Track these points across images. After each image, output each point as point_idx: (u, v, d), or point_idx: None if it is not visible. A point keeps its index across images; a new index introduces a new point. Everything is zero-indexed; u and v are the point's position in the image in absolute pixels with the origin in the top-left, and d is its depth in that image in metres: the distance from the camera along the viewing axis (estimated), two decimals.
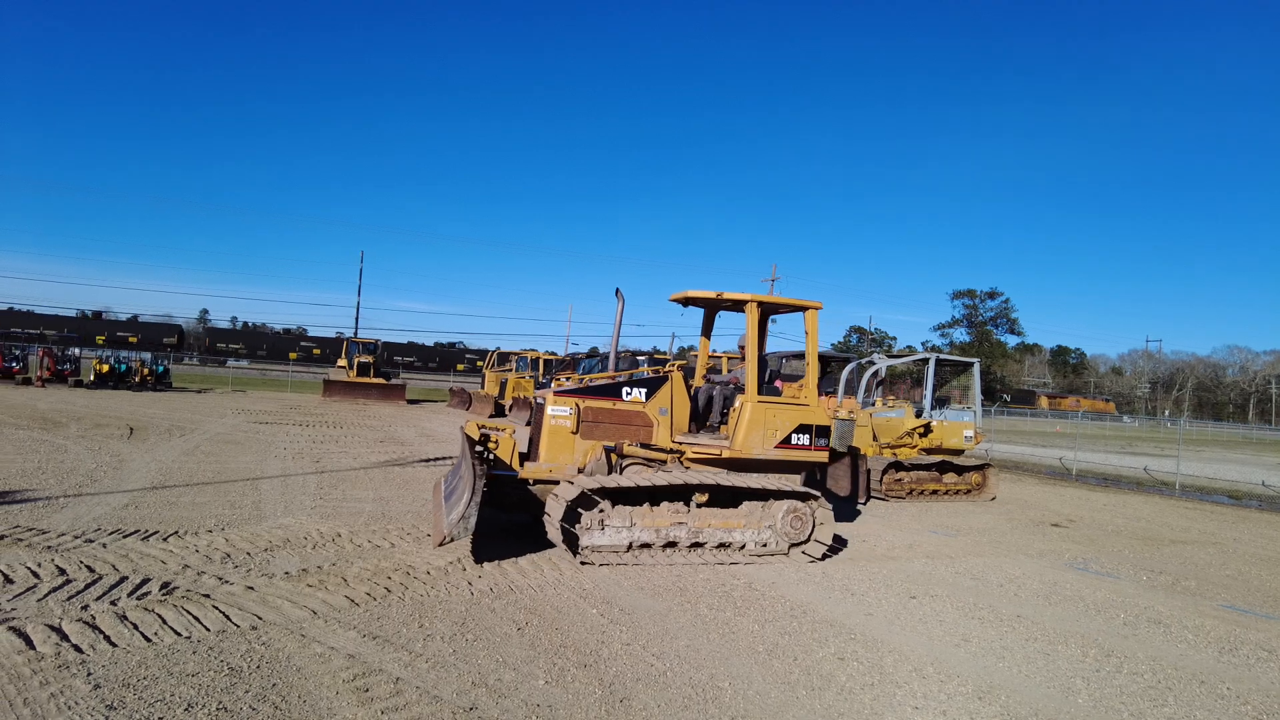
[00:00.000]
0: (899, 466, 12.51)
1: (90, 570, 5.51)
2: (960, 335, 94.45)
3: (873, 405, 14.05)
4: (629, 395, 7.75)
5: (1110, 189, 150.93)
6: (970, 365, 14.33)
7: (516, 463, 7.41)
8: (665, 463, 7.68)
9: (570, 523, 6.61)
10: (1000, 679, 4.71)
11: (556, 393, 7.82)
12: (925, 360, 14.00)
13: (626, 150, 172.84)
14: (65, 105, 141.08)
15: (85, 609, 4.69)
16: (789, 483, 7.42)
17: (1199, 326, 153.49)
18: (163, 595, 5.06)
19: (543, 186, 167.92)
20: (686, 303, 8.53)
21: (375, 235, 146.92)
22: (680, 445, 7.80)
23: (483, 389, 30.56)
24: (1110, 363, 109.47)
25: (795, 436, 7.94)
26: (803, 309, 8.41)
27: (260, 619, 4.75)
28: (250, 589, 5.33)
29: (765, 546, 7.26)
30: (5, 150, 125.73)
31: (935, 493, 12.92)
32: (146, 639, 4.30)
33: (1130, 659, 5.26)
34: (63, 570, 5.45)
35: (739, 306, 8.41)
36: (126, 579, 5.35)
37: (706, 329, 9.23)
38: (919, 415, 13.22)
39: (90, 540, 6.37)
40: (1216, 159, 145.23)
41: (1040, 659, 5.14)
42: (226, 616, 4.73)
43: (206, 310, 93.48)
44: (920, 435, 13.08)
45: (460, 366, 66.19)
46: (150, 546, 6.31)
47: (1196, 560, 9.14)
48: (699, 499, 7.06)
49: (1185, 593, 7.43)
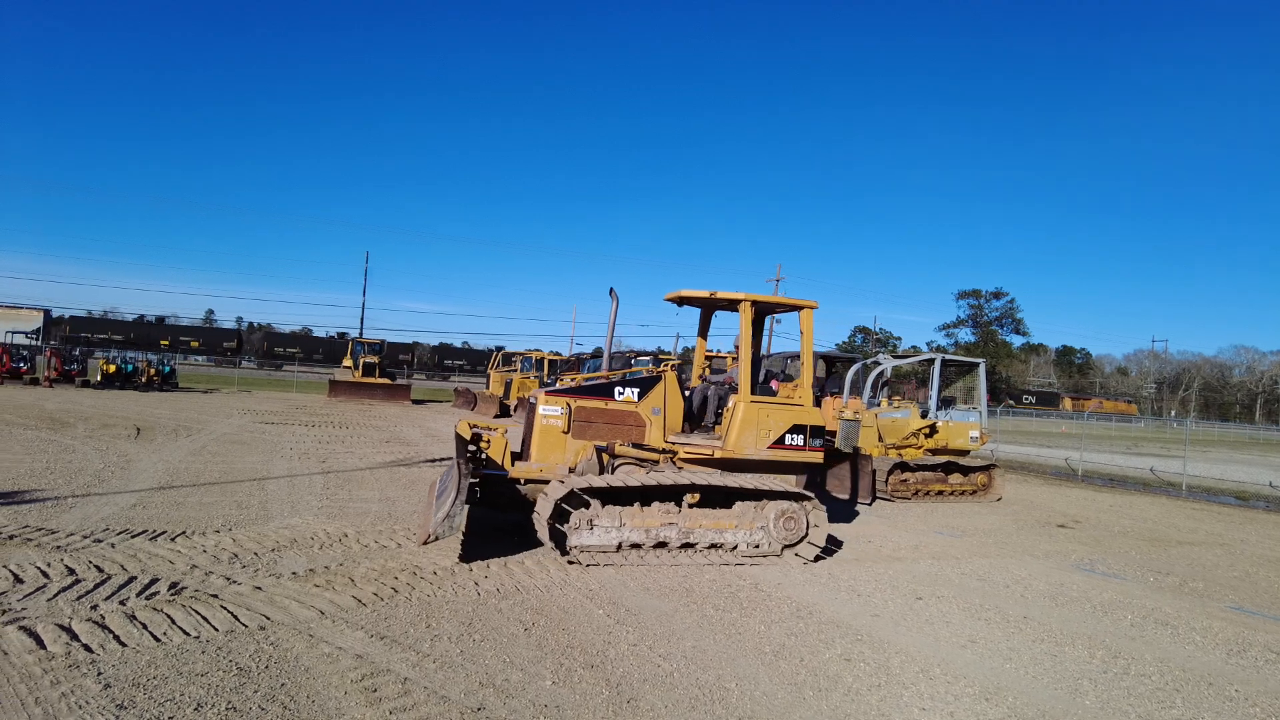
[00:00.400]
0: (904, 467, 12.50)
1: (99, 570, 5.54)
2: (965, 335, 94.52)
3: (878, 405, 14.04)
4: (621, 395, 7.72)
5: (1115, 188, 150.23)
6: (975, 365, 14.30)
7: (509, 462, 7.40)
8: (657, 463, 7.66)
9: (559, 522, 6.61)
10: (1007, 680, 4.70)
11: (548, 392, 7.82)
12: (930, 360, 14.00)
13: (626, 150, 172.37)
14: (65, 105, 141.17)
15: (95, 609, 4.72)
16: (781, 483, 7.40)
17: (1205, 326, 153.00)
18: (171, 595, 5.09)
19: (543, 186, 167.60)
20: (681, 302, 8.49)
21: (376, 235, 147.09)
22: (673, 445, 7.76)
23: (488, 389, 30.64)
24: (1116, 363, 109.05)
25: (789, 437, 7.90)
26: (797, 308, 8.38)
27: (268, 619, 4.77)
28: (258, 589, 5.36)
29: (757, 547, 7.25)
30: (5, 150, 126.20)
31: (941, 493, 12.90)
32: (156, 639, 4.33)
33: (1137, 660, 5.25)
34: (72, 570, 5.49)
35: (734, 306, 8.36)
36: (135, 579, 5.38)
37: (703, 329, 9.21)
38: (924, 416, 13.20)
39: (99, 540, 6.40)
40: (1222, 158, 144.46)
41: (1047, 660, 5.13)
42: (235, 616, 4.76)
43: (212, 311, 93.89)
44: (926, 436, 13.07)
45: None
46: (158, 546, 6.34)
47: (1203, 561, 9.11)
48: (690, 499, 7.04)
49: (1192, 594, 7.41)
